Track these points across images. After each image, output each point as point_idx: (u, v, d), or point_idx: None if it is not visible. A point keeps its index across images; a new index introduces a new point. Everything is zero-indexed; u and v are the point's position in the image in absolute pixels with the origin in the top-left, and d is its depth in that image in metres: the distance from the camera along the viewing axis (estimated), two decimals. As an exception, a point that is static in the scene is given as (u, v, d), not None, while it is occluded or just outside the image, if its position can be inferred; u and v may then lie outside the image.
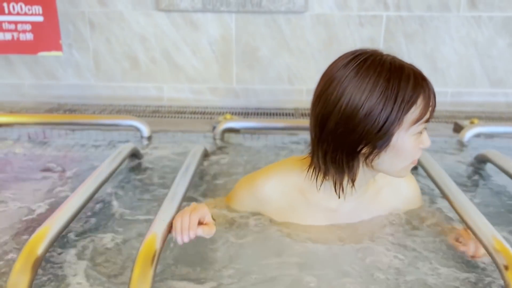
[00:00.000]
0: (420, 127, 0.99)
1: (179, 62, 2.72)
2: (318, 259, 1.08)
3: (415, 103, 0.96)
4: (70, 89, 2.80)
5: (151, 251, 0.98)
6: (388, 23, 2.60)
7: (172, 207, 1.17)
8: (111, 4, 2.61)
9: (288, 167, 1.16)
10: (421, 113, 0.97)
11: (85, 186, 1.29)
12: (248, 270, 1.05)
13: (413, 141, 1.00)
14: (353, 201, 1.14)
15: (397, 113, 0.95)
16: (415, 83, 0.96)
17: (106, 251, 1.15)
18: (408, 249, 1.13)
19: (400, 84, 0.95)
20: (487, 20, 2.58)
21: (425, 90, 0.98)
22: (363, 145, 0.99)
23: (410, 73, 0.97)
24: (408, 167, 1.07)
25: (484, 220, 1.11)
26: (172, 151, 1.86)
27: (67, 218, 1.13)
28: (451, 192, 1.28)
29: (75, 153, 1.88)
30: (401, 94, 0.95)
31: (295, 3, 2.52)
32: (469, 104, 2.75)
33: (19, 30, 2.62)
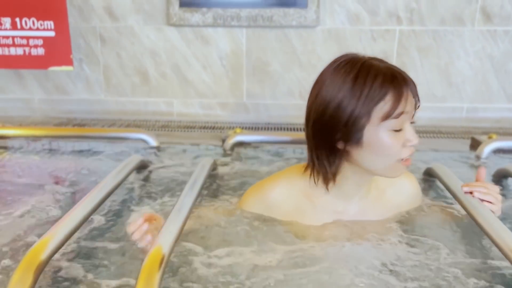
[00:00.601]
0: (395, 123, 1.03)
1: (189, 77, 2.71)
2: (327, 256, 1.09)
3: (382, 99, 1.01)
4: (80, 103, 2.79)
5: (156, 263, 0.93)
6: (401, 37, 2.57)
7: (180, 219, 1.12)
8: (122, 19, 2.62)
9: (294, 173, 1.22)
10: (390, 109, 1.01)
11: (90, 197, 1.24)
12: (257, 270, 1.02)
13: (391, 138, 1.04)
14: (357, 202, 1.20)
15: (362, 107, 1.02)
16: (383, 81, 1.01)
17: (111, 263, 1.09)
18: (418, 243, 1.15)
19: (366, 81, 1.01)
20: (503, 34, 2.53)
21: (395, 88, 1.01)
22: (338, 139, 1.06)
23: (380, 72, 1.02)
24: (398, 167, 1.09)
25: (509, 233, 1.04)
26: (180, 163, 1.82)
27: (69, 228, 1.08)
28: (470, 204, 1.21)
29: (82, 166, 1.84)
30: (366, 91, 1.01)
31: (307, 17, 2.50)
32: (485, 120, 2.67)
33: (30, 45, 2.63)
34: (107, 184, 1.35)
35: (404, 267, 1.06)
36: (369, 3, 2.52)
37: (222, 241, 1.15)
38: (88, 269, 1.06)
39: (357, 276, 1.01)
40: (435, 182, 1.61)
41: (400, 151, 1.05)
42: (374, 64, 1.04)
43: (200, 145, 2.10)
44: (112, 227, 1.29)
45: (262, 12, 2.51)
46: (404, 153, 1.06)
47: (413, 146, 1.06)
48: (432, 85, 2.64)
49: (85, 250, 1.15)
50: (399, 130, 1.04)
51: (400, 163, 1.08)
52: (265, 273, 1.02)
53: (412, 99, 1.05)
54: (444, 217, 1.34)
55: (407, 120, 1.05)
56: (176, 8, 2.53)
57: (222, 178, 1.68)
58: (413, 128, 1.06)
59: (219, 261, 1.08)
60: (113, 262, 1.10)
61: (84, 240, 1.20)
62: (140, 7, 2.59)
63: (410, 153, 1.07)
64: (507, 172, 1.60)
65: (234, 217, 1.24)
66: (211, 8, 2.51)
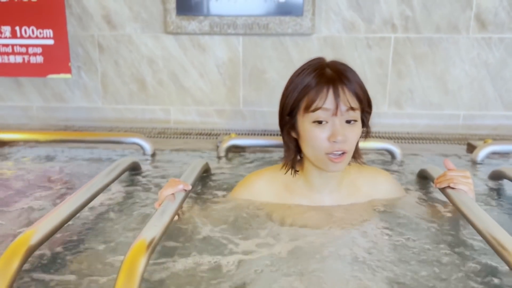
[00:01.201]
0: (315, 116, 1.14)
1: (186, 85, 2.72)
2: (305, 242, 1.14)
3: (307, 94, 1.16)
4: (77, 111, 2.81)
5: (139, 257, 0.92)
6: (396, 45, 2.58)
7: (166, 215, 1.11)
8: (120, 28, 2.65)
9: (277, 168, 1.34)
10: (309, 102, 1.15)
11: (76, 195, 1.24)
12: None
13: (314, 129, 1.16)
14: (330, 194, 1.31)
15: (294, 98, 1.18)
16: (313, 77, 1.15)
17: (94, 260, 1.08)
18: (391, 230, 1.20)
19: (303, 79, 1.17)
20: (498, 42, 2.54)
21: (317, 85, 1.14)
22: (289, 128, 1.23)
23: (316, 70, 1.16)
24: (326, 161, 1.18)
25: (506, 233, 1.02)
26: (173, 166, 1.81)
27: (53, 225, 1.07)
28: (465, 205, 1.20)
29: (75, 170, 1.84)
30: (300, 86, 1.17)
31: (302, 25, 2.53)
32: (482, 127, 2.67)
33: (29, 53, 2.66)
34: (95, 184, 1.35)
35: (376, 253, 1.08)
36: (364, 11, 2.54)
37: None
38: (70, 267, 1.05)
39: (326, 258, 1.05)
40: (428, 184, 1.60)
41: (323, 144, 1.16)
42: (320, 64, 1.19)
43: (195, 151, 2.09)
44: (100, 223, 1.28)
45: (258, 20, 2.53)
46: (328, 147, 1.15)
47: (337, 143, 1.14)
48: (428, 93, 2.65)
49: (68, 249, 1.14)
50: (321, 122, 1.15)
51: (327, 158, 1.17)
52: (247, 257, 1.07)
53: (335, 98, 1.13)
54: (427, 211, 1.38)
55: (331, 116, 1.14)
56: (173, 16, 2.56)
57: (215, 180, 1.67)
58: (343, 126, 1.15)
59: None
60: (97, 259, 1.09)
61: (68, 239, 1.19)
62: (138, 15, 2.63)
63: (333, 149, 1.15)
64: (502, 174, 1.59)
65: (223, 205, 1.36)
66: (207, 16, 2.54)
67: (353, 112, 1.15)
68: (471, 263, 1.05)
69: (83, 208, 1.23)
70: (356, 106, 1.16)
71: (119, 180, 1.56)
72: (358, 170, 1.35)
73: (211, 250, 1.10)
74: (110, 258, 1.08)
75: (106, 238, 1.19)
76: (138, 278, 0.88)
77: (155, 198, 1.48)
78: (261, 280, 0.97)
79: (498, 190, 1.60)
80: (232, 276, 0.99)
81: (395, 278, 0.98)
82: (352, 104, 1.14)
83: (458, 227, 1.26)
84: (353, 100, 1.15)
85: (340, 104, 1.13)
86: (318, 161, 1.20)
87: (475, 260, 1.07)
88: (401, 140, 2.44)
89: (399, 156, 1.94)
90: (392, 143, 1.99)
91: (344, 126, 1.15)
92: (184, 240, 1.16)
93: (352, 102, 1.14)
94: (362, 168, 1.36)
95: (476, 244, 1.14)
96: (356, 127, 1.18)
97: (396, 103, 2.67)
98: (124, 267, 0.89)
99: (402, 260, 1.06)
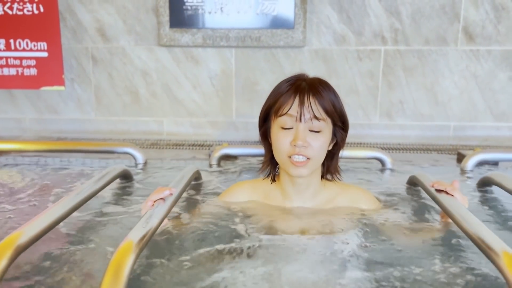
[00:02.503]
0: (282, 121, 1.22)
1: (179, 96, 2.74)
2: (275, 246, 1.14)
3: (278, 99, 1.24)
4: (70, 123, 2.81)
5: (125, 258, 0.91)
6: (386, 57, 2.62)
7: (155, 218, 1.12)
8: (114, 40, 2.68)
9: (261, 179, 1.42)
10: (278, 107, 1.23)
11: (65, 200, 1.24)
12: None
13: (279, 133, 1.23)
14: (306, 203, 1.35)
15: (268, 103, 1.28)
16: (285, 87, 1.24)
17: (81, 262, 1.08)
18: (366, 237, 1.20)
19: (279, 86, 1.27)
20: (486, 54, 2.59)
21: (287, 93, 1.23)
22: (266, 132, 1.32)
23: (291, 81, 1.25)
24: (288, 164, 1.24)
25: (490, 232, 1.03)
26: (166, 175, 1.81)
27: (41, 227, 1.07)
28: (452, 207, 1.21)
29: (64, 180, 1.84)
30: (275, 92, 1.27)
31: (294, 38, 2.57)
32: (473, 138, 2.70)
33: (23, 66, 2.68)
34: (86, 188, 1.35)
35: (354, 259, 1.08)
36: (354, 24, 2.59)
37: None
38: (57, 271, 1.04)
39: (302, 263, 1.05)
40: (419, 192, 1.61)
41: (285, 147, 1.23)
42: (299, 77, 1.27)
43: (188, 160, 2.10)
44: (88, 228, 1.28)
45: (250, 33, 2.57)
46: (290, 151, 1.22)
47: (298, 147, 1.20)
48: (419, 104, 2.68)
49: (58, 249, 1.14)
50: (287, 128, 1.22)
51: (289, 161, 1.24)
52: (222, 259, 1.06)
53: (300, 105, 1.20)
54: (409, 217, 1.38)
55: (295, 122, 1.21)
56: (166, 29, 2.59)
57: (206, 188, 1.68)
58: (306, 133, 1.21)
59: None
60: (84, 261, 1.08)
61: (59, 242, 1.18)
62: (132, 28, 2.66)
63: (294, 152, 1.21)
64: (490, 180, 1.60)
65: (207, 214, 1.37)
66: (200, 29, 2.58)
67: (317, 121, 1.21)
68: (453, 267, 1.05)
69: (72, 213, 1.22)
70: (320, 116, 1.21)
71: (110, 187, 1.56)
72: (340, 188, 1.39)
73: (193, 253, 1.10)
74: (97, 260, 1.08)
75: (94, 241, 1.18)
76: (125, 278, 0.88)
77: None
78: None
79: (488, 197, 1.61)
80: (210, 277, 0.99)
81: (369, 280, 0.98)
82: (316, 114, 1.20)
83: (447, 234, 1.26)
84: (318, 110, 1.21)
85: (304, 111, 1.20)
86: (283, 164, 1.28)
87: (455, 263, 1.07)
88: (393, 151, 2.45)
89: (389, 164, 1.96)
90: (382, 151, 2.01)
91: (306, 132, 1.21)
92: (170, 243, 1.16)
93: (316, 112, 1.20)
94: (344, 186, 1.40)
95: (460, 247, 1.14)
96: (321, 137, 1.23)
97: (387, 114, 2.70)
98: (110, 267, 0.89)
99: (377, 263, 1.05)
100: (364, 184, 1.74)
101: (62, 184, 1.77)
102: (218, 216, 1.34)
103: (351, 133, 1.36)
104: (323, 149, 1.26)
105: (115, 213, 1.40)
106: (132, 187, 1.67)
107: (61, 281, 0.99)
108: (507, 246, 0.94)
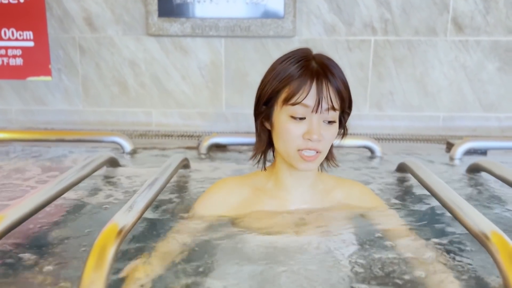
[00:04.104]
0: (293, 110, 1.06)
1: (168, 87, 2.72)
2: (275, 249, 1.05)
3: (288, 84, 1.07)
4: (58, 114, 2.77)
5: (109, 241, 0.90)
6: (376, 47, 2.62)
7: (141, 203, 1.10)
8: (102, 30, 2.64)
9: (249, 175, 1.28)
10: (289, 94, 1.06)
11: (48, 186, 1.22)
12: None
13: (289, 124, 1.07)
14: (302, 195, 1.20)
15: (273, 86, 1.09)
16: (295, 69, 1.07)
17: (65, 248, 1.06)
18: (363, 235, 1.12)
19: (285, 68, 1.08)
20: (475, 44, 2.60)
21: (300, 78, 1.05)
22: (263, 118, 1.15)
23: (301, 62, 1.08)
24: (297, 158, 1.09)
25: (479, 214, 1.03)
26: (153, 163, 1.79)
27: (23, 212, 1.06)
28: (444, 194, 1.21)
29: (51, 168, 1.81)
30: (282, 75, 1.08)
31: (283, 27, 2.55)
32: (462, 129, 2.71)
33: (9, 55, 2.62)
34: (70, 175, 1.33)
35: (349, 256, 1.02)
36: (344, 14, 2.58)
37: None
38: (40, 251, 1.02)
39: (297, 264, 0.98)
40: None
41: (296, 140, 1.08)
42: (305, 55, 1.10)
43: (177, 149, 2.08)
44: (72, 214, 1.26)
45: (239, 23, 2.55)
46: (301, 144, 1.07)
47: (312, 142, 1.06)
48: (408, 95, 2.68)
49: (42, 234, 1.12)
50: (298, 118, 1.06)
51: (299, 155, 1.08)
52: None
53: (318, 95, 1.05)
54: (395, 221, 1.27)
55: (311, 113, 1.06)
56: (155, 18, 2.56)
57: (194, 178, 1.66)
58: (321, 125, 1.06)
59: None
60: (67, 245, 1.06)
61: (42, 225, 1.16)
62: (120, 17, 2.62)
63: (307, 147, 1.07)
64: (479, 166, 1.61)
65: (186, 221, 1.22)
66: (189, 18, 2.55)
67: (333, 112, 1.08)
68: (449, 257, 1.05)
69: (56, 198, 1.20)
70: (337, 106, 1.08)
71: (96, 174, 1.54)
72: (335, 181, 1.28)
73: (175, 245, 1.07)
74: (81, 245, 1.06)
75: (78, 227, 1.16)
76: (108, 263, 0.86)
77: (131, 192, 1.46)
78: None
79: (476, 182, 1.62)
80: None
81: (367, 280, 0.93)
82: (334, 104, 1.07)
83: (437, 218, 1.26)
84: (336, 99, 1.07)
85: (322, 102, 1.05)
86: (289, 157, 1.11)
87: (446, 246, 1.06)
88: (382, 141, 2.45)
89: (379, 153, 1.96)
90: (371, 139, 2.01)
91: (321, 125, 1.07)
92: (155, 231, 1.14)
93: (334, 102, 1.07)
94: (340, 179, 1.30)
95: (449, 231, 1.14)
96: (333, 128, 1.10)
97: (377, 105, 2.69)
98: (94, 250, 0.87)
99: (375, 264, 0.98)
100: (353, 172, 1.74)
101: (47, 171, 1.75)
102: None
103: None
104: (334, 139, 1.14)
105: (100, 200, 1.38)
106: (119, 174, 1.64)
107: (43, 264, 0.96)
108: (496, 227, 0.94)
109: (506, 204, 1.40)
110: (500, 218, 1.29)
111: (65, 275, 0.92)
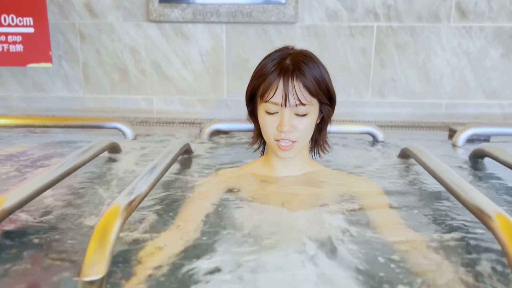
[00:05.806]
0: (267, 107, 1.19)
1: (169, 74, 2.70)
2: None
3: (263, 82, 1.19)
4: (58, 101, 2.76)
5: (112, 222, 0.90)
6: (379, 33, 2.60)
7: (144, 185, 1.10)
8: (102, 16, 2.62)
9: (248, 163, 1.43)
10: (263, 91, 1.18)
11: (49, 170, 1.21)
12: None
13: (265, 118, 1.21)
14: (290, 179, 1.31)
15: (253, 84, 1.24)
16: (271, 68, 1.18)
17: (69, 227, 1.05)
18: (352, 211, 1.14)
19: (263, 66, 1.21)
20: (478, 31, 2.57)
21: (270, 77, 1.17)
22: (254, 110, 1.28)
23: (276, 61, 1.18)
24: (275, 146, 1.23)
25: (483, 197, 1.02)
26: (155, 149, 1.78)
27: (26, 194, 1.05)
28: (448, 179, 1.20)
29: (49, 155, 1.80)
30: (259, 73, 1.21)
31: (285, 13, 2.52)
32: (464, 116, 2.69)
33: (9, 42, 2.61)
34: (72, 159, 1.32)
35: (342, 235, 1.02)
36: (347, 0, 2.55)
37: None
38: (47, 233, 1.02)
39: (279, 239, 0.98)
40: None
41: (272, 131, 1.21)
42: (283, 54, 1.20)
43: (176, 135, 2.07)
44: (75, 197, 1.25)
45: (241, 8, 2.52)
46: (277, 135, 1.21)
47: (284, 134, 1.19)
48: (410, 82, 2.66)
49: (41, 220, 1.11)
50: (272, 113, 1.19)
51: (276, 145, 1.23)
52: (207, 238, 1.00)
53: (284, 92, 1.14)
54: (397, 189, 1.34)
55: (281, 107, 1.17)
56: (156, 4, 2.53)
57: (197, 163, 1.65)
58: (292, 117, 1.18)
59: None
60: (69, 227, 1.06)
61: (45, 208, 1.16)
62: (120, 3, 2.60)
63: (281, 137, 1.20)
64: (482, 151, 1.60)
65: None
66: (190, 3, 2.53)
67: (302, 106, 1.17)
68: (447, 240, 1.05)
69: (57, 183, 1.20)
70: (306, 101, 1.17)
71: (98, 159, 1.54)
72: (328, 172, 1.38)
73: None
74: (84, 227, 1.06)
75: (80, 210, 1.16)
76: (111, 244, 0.86)
77: (132, 177, 1.46)
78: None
79: (480, 167, 1.61)
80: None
81: (351, 258, 0.92)
82: (302, 99, 1.16)
83: (440, 202, 1.26)
84: (304, 95, 1.16)
85: (289, 97, 1.15)
86: (270, 146, 1.28)
87: (450, 231, 1.06)
88: (385, 128, 2.44)
89: (380, 138, 1.95)
90: (374, 126, 2.00)
91: (292, 117, 1.18)
92: (155, 212, 1.13)
93: (302, 98, 1.16)
94: (333, 170, 1.41)
95: (453, 214, 1.14)
96: (306, 119, 1.20)
97: (379, 92, 2.68)
98: (96, 233, 0.87)
99: (364, 242, 0.97)
100: (356, 158, 1.73)
101: (48, 157, 1.74)
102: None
103: (343, 111, 1.35)
104: (310, 128, 1.24)
105: (102, 184, 1.37)
106: (120, 159, 1.64)
107: (45, 247, 0.96)
108: (500, 208, 0.94)
109: (511, 188, 1.40)
110: (505, 201, 1.29)
111: (67, 256, 0.92)
